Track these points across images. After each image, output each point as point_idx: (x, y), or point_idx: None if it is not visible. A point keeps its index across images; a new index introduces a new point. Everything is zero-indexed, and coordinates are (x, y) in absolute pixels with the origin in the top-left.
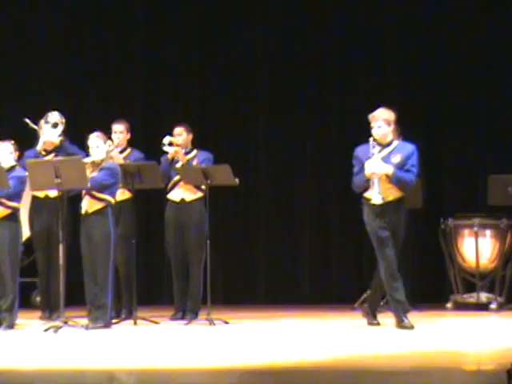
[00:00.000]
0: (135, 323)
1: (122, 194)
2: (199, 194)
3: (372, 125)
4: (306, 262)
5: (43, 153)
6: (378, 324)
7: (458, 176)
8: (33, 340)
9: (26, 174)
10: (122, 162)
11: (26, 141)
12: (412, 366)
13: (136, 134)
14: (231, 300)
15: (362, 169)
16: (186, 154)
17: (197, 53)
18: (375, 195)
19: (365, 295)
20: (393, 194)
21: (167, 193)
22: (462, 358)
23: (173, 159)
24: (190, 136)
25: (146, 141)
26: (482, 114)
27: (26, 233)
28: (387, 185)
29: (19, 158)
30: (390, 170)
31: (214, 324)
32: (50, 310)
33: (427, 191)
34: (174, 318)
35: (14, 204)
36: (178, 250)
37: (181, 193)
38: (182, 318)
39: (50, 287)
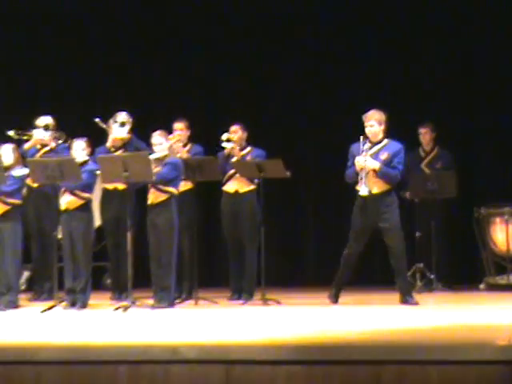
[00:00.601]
0: (196, 303)
1: (185, 186)
2: (252, 186)
3: (365, 124)
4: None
5: (112, 149)
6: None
7: (490, 169)
8: (104, 318)
9: (97, 168)
10: (184, 156)
11: (97, 138)
12: (449, 340)
13: (196, 131)
14: (283, 282)
15: (353, 163)
16: (241, 150)
17: (248, 57)
18: (362, 187)
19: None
20: (379, 187)
21: (223, 185)
22: (495, 332)
23: (229, 154)
24: (245, 134)
25: (206, 137)
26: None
27: (97, 221)
28: (374, 178)
29: (91, 154)
30: (377, 165)
31: (268, 304)
32: (119, 291)
33: (462, 183)
34: (231, 298)
35: (86, 195)
36: (233, 236)
37: (235, 185)
38: (239, 298)
39: (119, 271)
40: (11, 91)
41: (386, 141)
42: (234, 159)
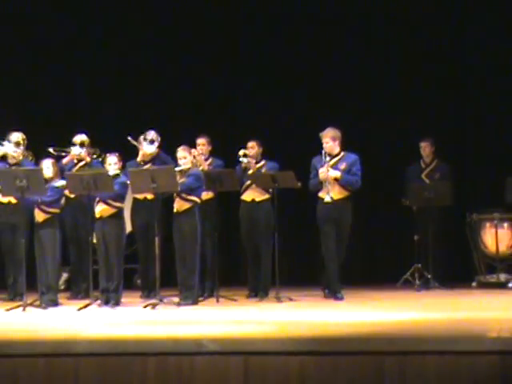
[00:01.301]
0: (217, 301)
1: (207, 195)
2: (267, 196)
3: (322, 141)
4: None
5: (142, 163)
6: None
7: (481, 178)
8: (134, 315)
9: (128, 180)
10: (206, 168)
11: (128, 153)
12: (445, 332)
13: (216, 146)
14: (295, 281)
15: (316, 174)
16: (257, 163)
17: (266, 76)
18: (326, 195)
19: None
20: (340, 193)
21: (241, 194)
22: (486, 325)
23: (246, 167)
24: (261, 149)
25: (225, 151)
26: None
27: (128, 228)
28: (335, 187)
29: (123, 168)
30: (338, 174)
31: (281, 301)
32: (148, 290)
33: (455, 191)
34: (248, 296)
35: (118, 204)
36: (250, 241)
37: (252, 194)
38: (255, 296)
39: (148, 272)
40: (51, 111)
41: (342, 153)
42: (250, 171)
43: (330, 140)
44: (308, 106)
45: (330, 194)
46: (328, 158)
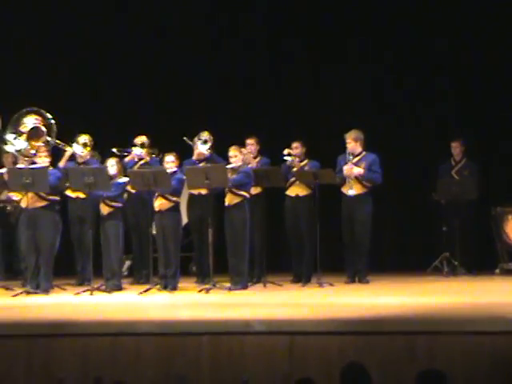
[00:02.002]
0: (264, 286)
1: (255, 190)
2: (309, 191)
3: (346, 141)
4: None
5: (197, 162)
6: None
7: (505, 176)
8: (190, 298)
9: (184, 177)
10: (254, 166)
11: (184, 153)
12: (471, 314)
13: (264, 146)
14: (335, 268)
15: (340, 170)
16: (300, 161)
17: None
18: (349, 190)
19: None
20: (360, 188)
21: (286, 190)
22: (507, 308)
23: (290, 165)
24: (304, 148)
25: (272, 150)
26: None
27: (184, 220)
28: (356, 182)
29: (179, 166)
30: (361, 171)
31: (323, 286)
32: (202, 276)
33: (481, 187)
34: (293, 281)
35: (175, 199)
36: (295, 231)
37: (296, 190)
38: (299, 281)
39: (202, 259)
40: (115, 115)
41: (363, 153)
42: (294, 169)
43: (352, 140)
44: (345, 111)
45: (353, 188)
46: (351, 157)
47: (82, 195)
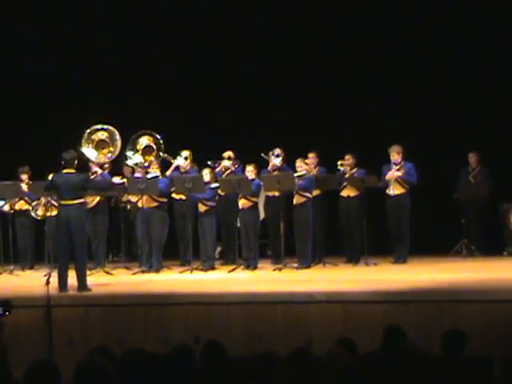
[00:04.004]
0: (324, 265)
1: (315, 192)
2: (358, 192)
3: (390, 154)
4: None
5: (271, 171)
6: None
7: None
8: (267, 275)
9: (262, 182)
10: (315, 173)
11: (262, 164)
12: (485, 286)
13: (322, 157)
14: (380, 251)
15: (384, 176)
16: (351, 169)
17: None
18: (390, 190)
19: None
20: (400, 189)
21: (340, 192)
22: None
23: (343, 173)
24: (355, 159)
25: (328, 161)
26: None
27: (262, 215)
28: (397, 185)
29: (258, 174)
30: (400, 174)
31: (369, 265)
32: (276, 258)
33: (492, 188)
34: (346, 262)
35: (254, 199)
36: (346, 223)
37: (347, 192)
38: (350, 262)
39: (276, 245)
40: (209, 132)
41: (403, 162)
42: (346, 175)
43: (395, 153)
44: (386, 129)
45: (394, 189)
46: (393, 166)
47: (183, 197)
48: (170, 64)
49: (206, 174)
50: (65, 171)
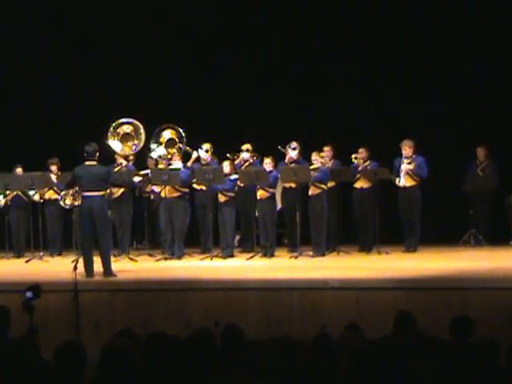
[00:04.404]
0: (338, 254)
1: (330, 184)
2: (371, 184)
3: (402, 148)
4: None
5: (288, 163)
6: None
7: None
8: (283, 263)
9: (279, 174)
10: (330, 166)
11: (279, 156)
12: (492, 274)
13: (336, 151)
14: (390, 241)
15: (397, 168)
16: (364, 162)
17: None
18: (402, 182)
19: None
20: (411, 182)
21: (353, 183)
22: None
23: (357, 165)
24: (368, 153)
25: (343, 155)
26: None
27: (279, 205)
28: (408, 177)
29: (275, 166)
30: (411, 167)
31: (380, 254)
32: (291, 247)
33: (499, 181)
34: (359, 251)
35: (271, 190)
36: (360, 213)
37: (361, 183)
38: (363, 251)
39: (292, 234)
40: (228, 126)
41: (414, 156)
42: (360, 168)
43: (407, 147)
44: (398, 123)
45: (405, 182)
46: (405, 159)
47: (204, 188)
48: (193, 64)
49: (226, 166)
50: (87, 163)
